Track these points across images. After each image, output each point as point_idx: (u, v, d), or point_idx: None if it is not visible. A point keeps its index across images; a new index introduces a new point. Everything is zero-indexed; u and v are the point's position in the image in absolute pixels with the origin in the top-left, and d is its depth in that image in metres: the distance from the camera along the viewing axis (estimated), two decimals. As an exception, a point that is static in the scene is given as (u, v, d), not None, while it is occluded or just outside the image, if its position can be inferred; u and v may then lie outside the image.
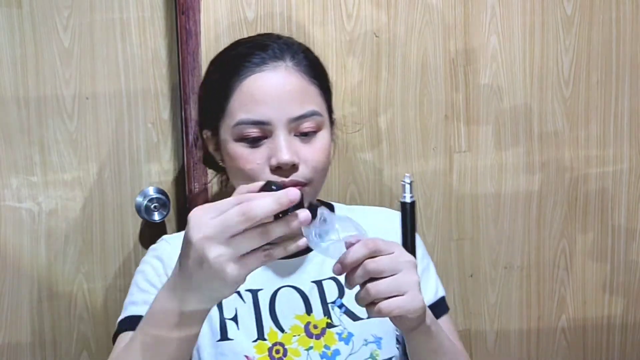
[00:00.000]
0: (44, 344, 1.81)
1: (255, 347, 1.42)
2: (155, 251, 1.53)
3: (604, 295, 2.01)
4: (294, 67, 1.40)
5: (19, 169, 1.76)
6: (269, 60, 1.39)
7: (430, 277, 1.55)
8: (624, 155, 1.97)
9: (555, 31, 1.89)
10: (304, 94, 1.39)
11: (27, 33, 1.72)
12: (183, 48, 1.72)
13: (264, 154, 1.37)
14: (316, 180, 1.40)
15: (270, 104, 1.36)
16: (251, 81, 1.38)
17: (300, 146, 1.38)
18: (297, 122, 1.37)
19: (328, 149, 1.42)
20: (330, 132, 1.45)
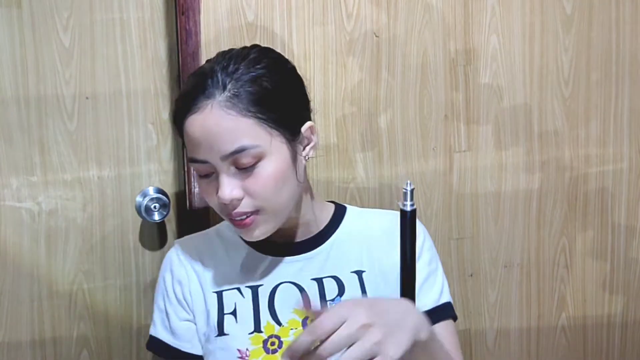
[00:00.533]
0: (44, 343, 1.82)
1: (250, 339, 1.46)
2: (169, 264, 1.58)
3: (604, 293, 2.02)
4: (223, 102, 1.36)
5: (19, 169, 1.76)
6: (199, 100, 1.38)
7: (436, 281, 1.57)
8: (624, 154, 1.97)
9: (555, 31, 1.89)
10: (232, 132, 1.36)
11: (27, 33, 1.72)
12: (183, 48, 1.72)
13: (214, 189, 1.41)
14: (268, 207, 1.40)
15: (202, 144, 1.37)
16: (188, 123, 1.39)
17: (243, 178, 1.38)
18: (231, 158, 1.37)
19: (276, 175, 1.39)
20: (283, 154, 1.40)
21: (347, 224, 1.58)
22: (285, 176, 1.41)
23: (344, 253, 1.54)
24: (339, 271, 1.52)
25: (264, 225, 1.42)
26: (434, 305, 1.54)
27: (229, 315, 1.49)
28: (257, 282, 1.52)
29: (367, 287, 1.52)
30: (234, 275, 1.53)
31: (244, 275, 1.53)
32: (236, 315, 1.49)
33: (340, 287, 1.51)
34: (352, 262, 1.54)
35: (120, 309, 1.85)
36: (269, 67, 1.42)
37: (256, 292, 1.51)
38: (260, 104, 1.38)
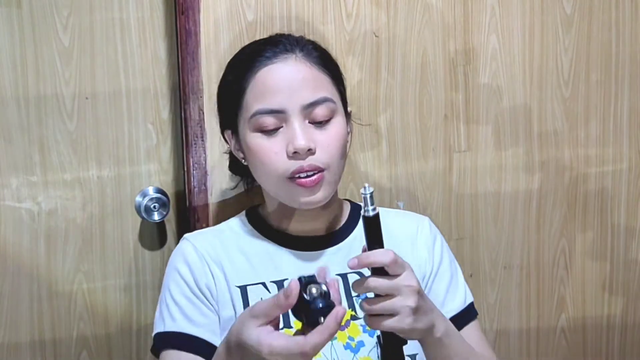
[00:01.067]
0: (44, 344, 1.81)
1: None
2: (184, 255, 1.53)
3: (604, 294, 2.02)
4: (303, 58, 1.44)
5: (19, 169, 1.76)
6: (279, 53, 1.44)
7: (459, 284, 1.59)
8: (624, 154, 1.97)
9: (555, 31, 1.89)
10: (315, 81, 1.43)
11: (27, 33, 1.72)
12: (182, 48, 1.72)
13: (281, 143, 1.41)
14: (333, 167, 1.43)
15: (283, 92, 1.41)
16: (264, 73, 1.42)
17: (316, 133, 1.42)
18: (310, 109, 1.41)
19: (343, 136, 1.45)
20: (345, 122, 1.48)
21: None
22: (345, 143, 1.47)
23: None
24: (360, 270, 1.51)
25: (327, 187, 1.44)
26: (461, 308, 1.56)
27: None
28: (282, 276, 1.49)
29: None
30: (255, 269, 1.50)
31: (267, 270, 1.50)
32: None
33: None
34: None
35: (119, 309, 1.84)
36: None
37: (282, 287, 1.42)
38: (330, 67, 1.49)
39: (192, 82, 1.73)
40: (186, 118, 1.74)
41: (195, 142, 1.74)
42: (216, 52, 1.74)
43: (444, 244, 1.60)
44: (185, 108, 1.74)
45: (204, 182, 1.76)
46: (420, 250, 1.56)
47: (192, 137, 1.74)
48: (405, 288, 1.22)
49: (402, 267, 1.23)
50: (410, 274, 1.24)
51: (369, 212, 1.23)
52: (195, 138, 1.74)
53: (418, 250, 1.56)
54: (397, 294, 1.22)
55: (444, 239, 1.62)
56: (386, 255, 1.21)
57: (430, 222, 1.62)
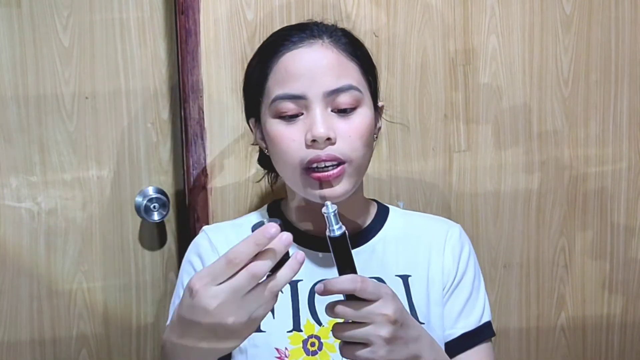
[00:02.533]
0: (44, 343, 1.82)
1: (290, 338, 1.39)
2: (197, 247, 1.51)
3: (604, 293, 2.01)
4: (331, 44, 1.39)
5: (19, 169, 1.76)
6: (305, 38, 1.39)
7: (478, 300, 1.51)
8: (623, 154, 1.96)
9: (555, 31, 1.89)
10: (341, 68, 1.37)
11: (27, 33, 1.72)
12: (182, 48, 1.72)
13: (301, 131, 1.35)
14: (356, 160, 1.36)
15: (305, 77, 1.35)
16: (287, 58, 1.37)
17: (338, 122, 1.35)
18: (333, 96, 1.35)
19: (369, 128, 1.38)
20: (372, 113, 1.41)
21: (391, 224, 1.53)
22: (371, 134, 1.40)
23: (389, 255, 1.48)
24: (383, 273, 1.45)
25: (347, 180, 1.36)
26: (475, 326, 1.49)
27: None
28: (297, 277, 1.37)
29: (413, 292, 1.45)
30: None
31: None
32: (274, 311, 1.40)
33: None
34: (397, 265, 1.47)
35: (119, 308, 1.85)
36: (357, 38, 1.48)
37: (295, 288, 1.43)
38: (360, 55, 1.42)
39: (192, 81, 1.73)
40: (186, 118, 1.74)
41: (195, 142, 1.74)
42: (216, 52, 1.74)
43: (471, 256, 1.54)
44: (185, 108, 1.74)
45: (204, 182, 1.76)
46: (446, 258, 1.50)
47: (192, 136, 1.74)
48: (379, 317, 1.15)
49: (375, 293, 1.15)
50: (387, 301, 1.16)
51: (334, 231, 1.15)
52: (195, 138, 1.74)
53: (444, 257, 1.50)
54: (370, 322, 1.15)
55: (472, 251, 1.55)
56: (353, 283, 1.14)
57: (461, 230, 1.56)
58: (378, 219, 1.53)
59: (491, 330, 1.52)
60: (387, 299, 1.16)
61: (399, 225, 1.53)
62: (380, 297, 1.15)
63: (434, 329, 1.44)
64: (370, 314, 1.14)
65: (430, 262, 1.48)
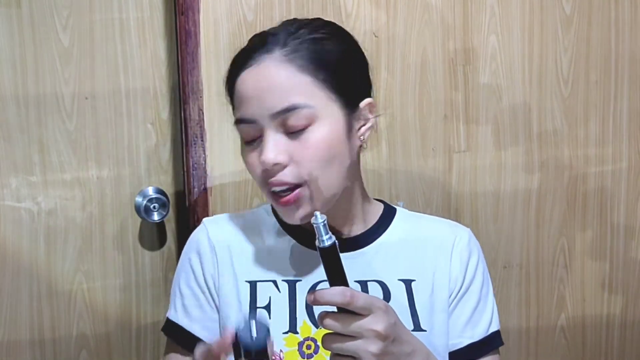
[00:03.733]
0: (44, 343, 1.82)
1: (285, 340, 1.34)
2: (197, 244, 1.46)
3: (603, 293, 2.02)
4: (281, 57, 1.28)
5: (18, 169, 1.76)
6: (256, 55, 1.30)
7: (485, 309, 1.46)
8: (623, 153, 1.97)
9: (554, 31, 1.89)
10: (286, 87, 1.27)
11: (27, 33, 1.72)
12: (182, 48, 1.72)
13: (256, 155, 1.30)
14: (314, 181, 1.28)
15: (252, 100, 1.28)
16: (240, 80, 1.31)
17: (290, 144, 1.27)
18: (281, 118, 1.26)
19: (326, 142, 1.27)
20: (337, 122, 1.29)
21: (396, 226, 1.46)
22: (337, 148, 1.29)
23: (392, 258, 1.42)
24: (385, 276, 1.40)
25: (308, 204, 1.29)
26: (482, 336, 1.43)
27: (261, 309, 1.36)
28: (295, 276, 1.38)
29: (416, 298, 1.39)
30: (270, 265, 1.40)
31: (281, 268, 1.39)
32: (270, 311, 1.36)
33: (386, 293, 1.38)
34: (400, 269, 1.41)
35: (119, 308, 1.85)
36: (333, 33, 1.35)
37: (294, 288, 1.38)
38: (320, 63, 1.29)
39: (192, 82, 1.73)
40: (186, 118, 1.74)
41: (195, 142, 1.74)
42: (216, 52, 1.74)
43: (480, 262, 1.46)
44: (185, 108, 1.74)
45: (203, 182, 1.76)
46: (454, 265, 1.43)
47: (191, 137, 1.74)
48: (368, 332, 1.10)
49: (366, 308, 1.10)
50: (378, 316, 1.11)
51: (324, 242, 1.10)
52: (195, 138, 1.74)
53: (452, 263, 1.44)
54: (359, 336, 1.10)
55: (482, 257, 1.48)
56: (342, 296, 1.09)
57: (470, 234, 1.49)
58: (383, 221, 1.46)
59: (499, 340, 1.47)
60: (379, 314, 1.11)
61: (405, 227, 1.47)
62: (372, 311, 1.11)
63: (437, 336, 1.39)
64: (359, 328, 1.10)
65: (436, 267, 1.43)
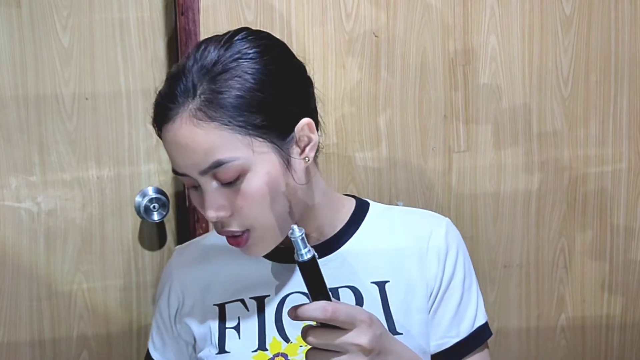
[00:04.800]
0: (44, 343, 1.82)
1: (254, 358, 1.31)
2: (166, 276, 1.46)
3: (603, 294, 2.02)
4: (193, 112, 1.19)
5: (18, 169, 1.76)
6: (168, 111, 1.21)
7: (470, 304, 1.40)
8: (623, 154, 1.97)
9: (554, 31, 1.89)
10: (205, 145, 1.19)
11: (26, 33, 1.72)
12: (182, 49, 1.72)
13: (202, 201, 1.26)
14: (259, 224, 1.24)
15: (180, 157, 1.22)
16: (163, 133, 1.23)
17: (228, 193, 1.22)
18: (211, 173, 1.21)
19: (263, 189, 1.22)
20: (272, 162, 1.23)
21: (369, 224, 1.40)
22: (276, 189, 1.24)
23: (364, 260, 1.36)
24: (357, 280, 1.34)
25: (261, 243, 1.27)
26: (468, 332, 1.38)
27: (231, 330, 1.34)
28: (263, 292, 1.35)
29: (390, 300, 1.34)
30: (237, 285, 1.37)
31: (248, 285, 1.36)
32: (239, 331, 1.34)
33: (359, 298, 1.33)
34: (373, 271, 1.36)
35: (119, 308, 1.85)
36: (253, 58, 1.23)
37: (262, 304, 1.34)
38: (238, 109, 1.20)
39: (192, 82, 1.73)
40: (186, 118, 1.74)
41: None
42: (216, 52, 1.73)
43: (459, 254, 1.40)
44: (185, 108, 1.74)
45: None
46: (430, 262, 1.37)
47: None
48: (352, 346, 1.09)
49: (349, 322, 1.09)
50: (361, 330, 1.09)
51: (303, 256, 1.07)
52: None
53: (428, 262, 1.37)
54: (343, 351, 1.09)
55: (462, 247, 1.42)
56: (323, 312, 1.07)
57: (448, 225, 1.42)
58: (354, 220, 1.40)
59: (487, 333, 1.41)
60: (362, 328, 1.10)
61: (378, 225, 1.41)
62: (355, 325, 1.09)
63: (414, 338, 1.34)
64: (343, 343, 1.09)
65: (411, 265, 1.37)
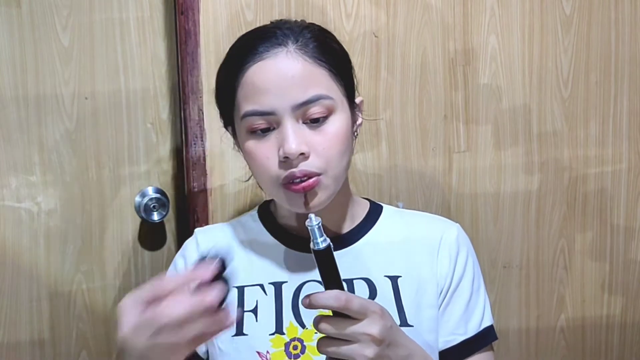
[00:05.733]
0: (43, 343, 1.82)
1: (271, 341, 1.36)
2: (183, 249, 1.51)
3: (603, 294, 2.01)
4: (296, 51, 1.32)
5: (18, 169, 1.76)
6: (270, 47, 1.32)
7: (477, 305, 1.47)
8: (623, 155, 1.96)
9: (554, 31, 1.89)
10: (308, 78, 1.31)
11: (27, 33, 1.72)
12: (182, 48, 1.72)
13: (273, 146, 1.31)
14: (332, 170, 1.32)
15: (272, 92, 1.30)
16: (252, 71, 1.32)
17: (310, 134, 1.31)
18: (303, 109, 1.30)
19: (343, 134, 1.34)
20: (348, 116, 1.36)
21: (383, 223, 1.49)
22: (348, 141, 1.35)
23: (379, 255, 1.44)
24: (371, 273, 1.42)
25: (324, 191, 1.33)
26: (475, 332, 1.45)
27: (249, 313, 1.39)
28: (282, 278, 1.41)
29: (402, 294, 1.41)
30: (257, 269, 1.43)
31: (267, 271, 1.42)
32: (257, 314, 1.39)
33: (372, 290, 1.40)
34: (386, 266, 1.43)
35: (119, 308, 1.84)
36: (328, 33, 1.42)
37: (280, 290, 1.40)
38: (331, 57, 1.35)
39: (192, 82, 1.73)
40: (185, 118, 1.74)
41: (195, 142, 1.74)
42: (216, 52, 1.73)
43: (469, 256, 1.48)
44: (185, 108, 1.74)
45: (203, 182, 1.76)
46: (441, 262, 1.45)
47: (191, 137, 1.74)
48: (363, 336, 1.12)
49: (362, 312, 1.12)
50: (373, 320, 1.13)
51: (319, 244, 1.12)
52: (194, 138, 1.74)
53: (439, 261, 1.45)
54: (354, 341, 1.12)
55: (471, 252, 1.50)
56: (337, 300, 1.11)
57: (459, 230, 1.51)
58: (369, 219, 1.49)
59: (492, 335, 1.49)
60: (374, 318, 1.13)
61: (392, 225, 1.50)
62: (367, 316, 1.13)
63: (424, 332, 1.40)
64: (355, 333, 1.12)
65: (422, 264, 1.45)
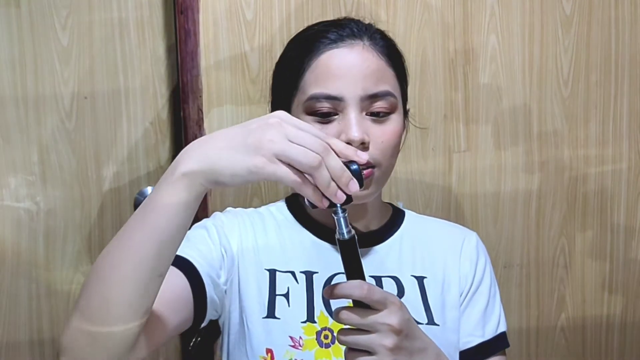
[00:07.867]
0: (43, 343, 1.81)
1: (303, 328, 1.38)
2: (222, 213, 1.52)
3: (603, 294, 2.01)
4: (371, 47, 1.39)
5: (18, 169, 1.76)
6: (346, 37, 1.38)
7: (494, 310, 1.51)
8: (623, 154, 1.97)
9: (555, 31, 1.89)
10: (380, 73, 1.38)
11: (26, 32, 1.72)
12: (182, 48, 1.72)
13: (334, 131, 1.34)
14: (385, 165, 1.38)
15: (344, 79, 1.34)
16: (328, 56, 1.37)
17: (371, 126, 1.36)
18: (370, 101, 1.35)
19: (399, 134, 1.40)
20: (402, 119, 1.43)
21: (407, 226, 1.54)
22: (400, 140, 1.42)
23: (405, 255, 1.49)
24: (398, 272, 1.46)
25: (376, 184, 1.38)
26: (491, 336, 1.49)
27: (281, 297, 1.41)
28: (313, 268, 1.43)
29: (428, 294, 1.45)
30: (288, 257, 1.45)
31: (299, 260, 1.44)
32: (289, 300, 1.40)
33: (400, 289, 1.44)
34: (412, 266, 1.48)
35: (118, 308, 1.84)
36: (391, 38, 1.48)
37: (311, 279, 1.42)
38: (397, 61, 1.44)
39: (191, 81, 1.73)
40: (185, 118, 1.74)
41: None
42: (215, 52, 1.74)
43: (487, 264, 1.54)
44: (184, 108, 1.74)
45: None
46: (463, 264, 1.50)
47: (191, 137, 1.74)
48: (383, 326, 1.14)
49: (382, 302, 1.14)
50: (393, 311, 1.15)
51: (344, 235, 1.13)
52: (194, 138, 1.73)
53: (461, 263, 1.51)
54: (374, 330, 1.14)
55: (489, 260, 1.55)
56: (359, 289, 1.13)
57: (478, 238, 1.56)
58: (394, 220, 1.54)
59: (505, 342, 1.51)
60: (394, 309, 1.15)
61: (415, 227, 1.54)
62: (387, 306, 1.14)
63: (450, 332, 1.44)
64: (375, 322, 1.14)
65: (446, 265, 1.49)
